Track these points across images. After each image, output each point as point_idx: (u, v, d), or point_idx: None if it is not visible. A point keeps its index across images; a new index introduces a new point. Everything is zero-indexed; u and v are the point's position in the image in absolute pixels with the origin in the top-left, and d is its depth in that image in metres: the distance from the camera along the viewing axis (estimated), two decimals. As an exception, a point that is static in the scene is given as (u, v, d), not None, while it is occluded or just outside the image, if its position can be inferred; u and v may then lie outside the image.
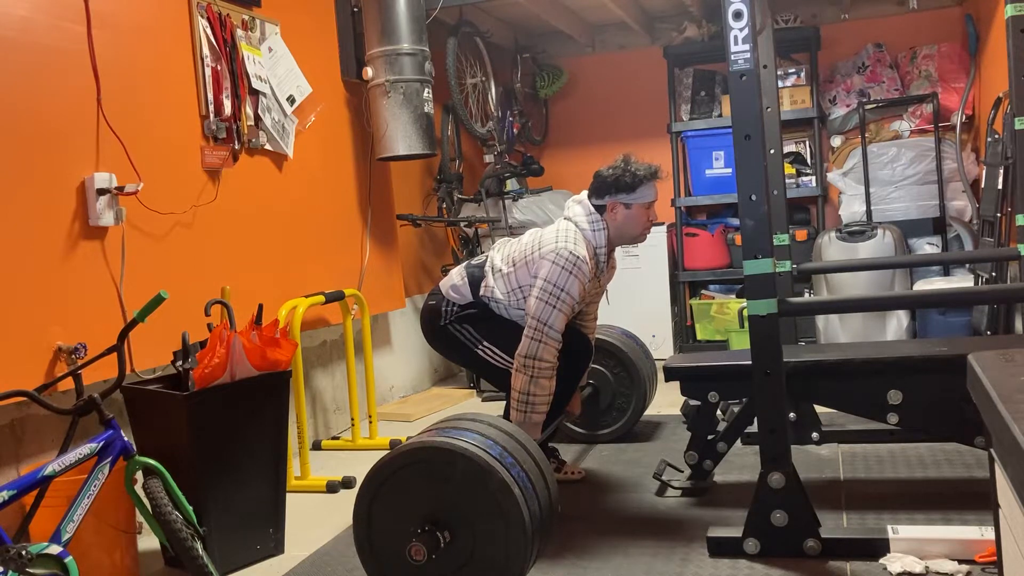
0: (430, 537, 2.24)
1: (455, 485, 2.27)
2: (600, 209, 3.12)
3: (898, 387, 2.76)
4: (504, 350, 3.14)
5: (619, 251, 3.30)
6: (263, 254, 3.68)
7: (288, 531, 2.93)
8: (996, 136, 4.37)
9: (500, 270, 3.18)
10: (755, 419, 2.61)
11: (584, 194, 3.18)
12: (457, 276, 3.28)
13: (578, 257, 3.00)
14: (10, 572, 1.93)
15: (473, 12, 5.29)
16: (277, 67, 3.79)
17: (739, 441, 3.19)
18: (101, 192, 2.86)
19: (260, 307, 2.98)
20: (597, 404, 3.89)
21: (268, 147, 3.73)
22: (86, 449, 2.22)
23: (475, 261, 3.32)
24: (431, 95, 4.35)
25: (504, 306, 3.17)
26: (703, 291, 6.00)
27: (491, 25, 5.62)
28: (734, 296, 5.85)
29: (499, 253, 3.25)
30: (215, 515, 2.67)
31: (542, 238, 3.10)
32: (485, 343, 3.19)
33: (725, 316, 5.65)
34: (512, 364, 3.05)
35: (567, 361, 3.11)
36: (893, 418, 2.79)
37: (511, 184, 5.61)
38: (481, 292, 3.20)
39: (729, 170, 5.64)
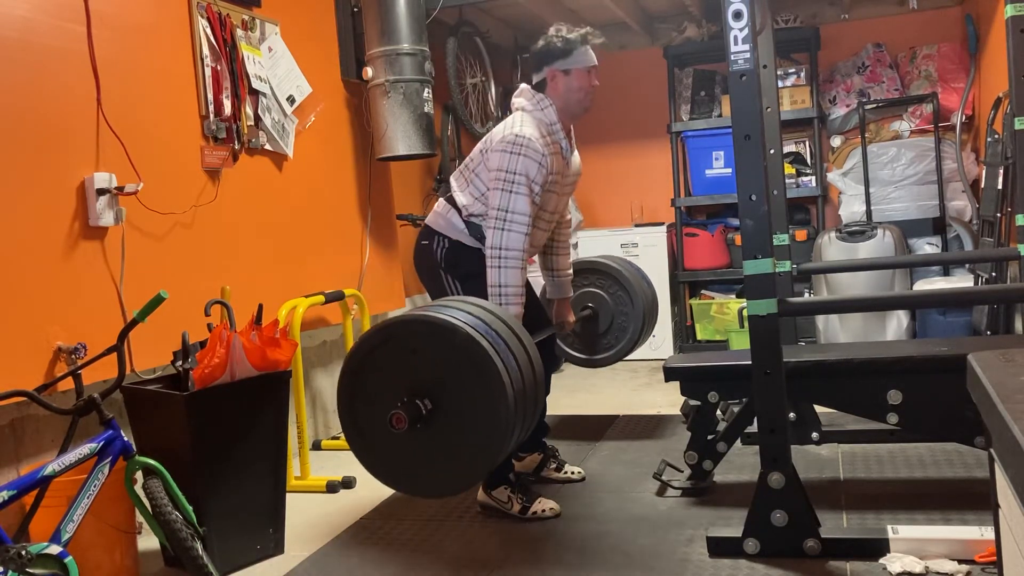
0: (411, 407, 2.25)
1: (425, 354, 2.29)
2: (542, 87, 3.05)
3: (898, 387, 2.76)
4: None
5: (620, 250, 3.28)
6: (263, 254, 3.68)
7: (288, 531, 2.93)
8: (996, 136, 4.37)
9: (462, 186, 3.08)
10: (755, 419, 2.61)
11: (524, 86, 3.12)
12: (441, 207, 3.15)
13: (525, 136, 2.90)
14: (10, 572, 1.93)
15: (473, 12, 5.29)
16: (277, 67, 3.79)
17: (739, 441, 3.19)
18: (101, 192, 2.86)
19: (260, 307, 2.97)
20: (596, 326, 3.84)
21: (268, 147, 3.73)
22: (86, 449, 2.22)
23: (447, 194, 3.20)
24: (431, 95, 4.35)
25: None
26: (703, 291, 6.00)
27: (491, 25, 5.62)
28: (734, 296, 5.85)
29: (456, 174, 3.16)
30: (215, 515, 2.67)
31: (491, 136, 3.04)
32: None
33: (725, 316, 5.66)
34: None
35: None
36: (893, 418, 2.79)
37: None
38: (464, 216, 3.06)
39: (729, 170, 5.64)
